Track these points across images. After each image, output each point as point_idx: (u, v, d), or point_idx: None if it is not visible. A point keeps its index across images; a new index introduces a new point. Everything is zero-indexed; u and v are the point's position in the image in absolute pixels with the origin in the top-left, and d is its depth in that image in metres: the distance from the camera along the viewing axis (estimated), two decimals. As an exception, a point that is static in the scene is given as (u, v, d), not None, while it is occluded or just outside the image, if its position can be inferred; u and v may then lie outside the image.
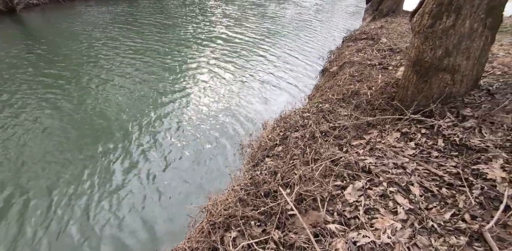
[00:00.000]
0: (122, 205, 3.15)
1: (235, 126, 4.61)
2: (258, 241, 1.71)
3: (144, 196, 3.27)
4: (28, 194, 3.24)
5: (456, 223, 1.63)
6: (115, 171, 3.61)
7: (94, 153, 3.91)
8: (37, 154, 3.82)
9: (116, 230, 2.87)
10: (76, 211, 3.07)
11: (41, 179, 3.44)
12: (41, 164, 3.66)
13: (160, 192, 3.33)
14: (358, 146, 2.56)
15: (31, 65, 6.67)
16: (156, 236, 2.82)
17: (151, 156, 3.89)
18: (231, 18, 11.67)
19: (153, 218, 3.00)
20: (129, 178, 3.51)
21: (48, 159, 3.75)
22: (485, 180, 1.86)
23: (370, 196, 1.91)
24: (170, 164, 3.75)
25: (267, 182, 2.22)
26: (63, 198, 3.22)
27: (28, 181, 3.40)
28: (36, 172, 3.54)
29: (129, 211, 3.07)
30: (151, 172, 3.61)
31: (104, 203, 3.17)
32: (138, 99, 5.28)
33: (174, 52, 7.83)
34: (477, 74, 2.62)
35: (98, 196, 3.25)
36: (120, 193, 3.30)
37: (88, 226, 2.90)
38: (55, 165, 3.66)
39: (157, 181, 3.48)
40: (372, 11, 8.88)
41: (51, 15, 11.71)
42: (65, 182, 3.43)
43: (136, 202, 3.19)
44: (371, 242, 1.58)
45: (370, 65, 4.63)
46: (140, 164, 3.74)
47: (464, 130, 2.32)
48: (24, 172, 3.53)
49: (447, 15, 2.34)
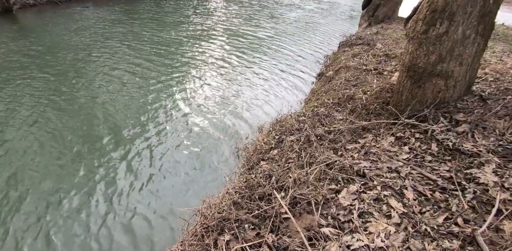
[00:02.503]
0: (113, 206, 3.10)
1: (231, 128, 4.60)
2: (251, 245, 1.70)
3: (136, 197, 3.23)
4: (18, 189, 3.19)
5: (449, 226, 1.64)
6: (106, 172, 3.56)
7: (85, 151, 3.86)
8: (32, 150, 3.77)
9: (107, 233, 2.82)
10: (65, 211, 3.02)
11: (32, 176, 3.38)
12: (36, 162, 3.61)
13: (153, 194, 3.29)
14: (353, 150, 2.57)
15: (27, 65, 6.61)
16: (149, 239, 2.77)
17: (144, 157, 3.85)
18: (226, 24, 11.74)
19: (145, 220, 2.96)
20: (121, 180, 3.46)
21: (42, 157, 3.70)
22: (477, 184, 1.88)
23: (364, 200, 1.91)
24: (164, 166, 3.72)
25: (262, 185, 2.21)
26: (52, 196, 3.16)
27: (18, 177, 3.35)
28: (30, 169, 3.49)
29: (121, 213, 3.02)
30: (144, 174, 3.57)
31: (93, 204, 3.12)
32: (133, 100, 5.25)
33: (170, 53, 7.83)
34: (469, 80, 2.66)
35: (86, 197, 3.20)
36: (111, 195, 3.25)
37: (76, 228, 2.85)
38: (44, 163, 3.61)
39: (150, 183, 3.44)
40: (368, 17, 9.01)
41: (47, 15, 11.65)
42: (54, 181, 3.37)
43: (129, 203, 3.14)
44: (364, 245, 1.57)
45: (366, 70, 4.68)
46: (133, 165, 3.70)
47: (457, 135, 2.34)
48: (18, 167, 3.48)
49: (440, 22, 2.39)
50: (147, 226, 2.91)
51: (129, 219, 2.98)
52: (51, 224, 2.89)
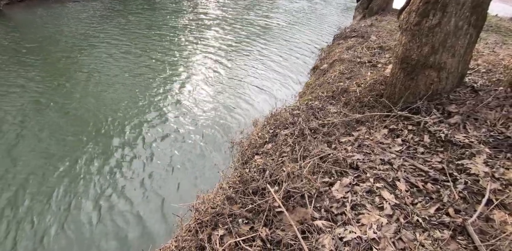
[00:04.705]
0: (109, 203, 3.10)
1: (226, 124, 4.58)
2: (245, 239, 1.70)
3: (131, 194, 3.22)
4: (12, 187, 3.16)
5: (441, 217, 1.65)
6: (100, 168, 3.54)
7: (81, 148, 3.82)
8: (29, 149, 3.72)
9: (102, 229, 2.82)
10: (59, 207, 3.00)
11: (28, 175, 3.35)
12: (32, 159, 3.58)
13: (147, 190, 3.28)
14: (347, 143, 2.57)
15: (15, 62, 6.47)
16: (144, 235, 2.78)
17: (139, 153, 3.83)
18: (223, 17, 11.57)
19: (140, 216, 2.96)
20: (115, 176, 3.45)
21: (38, 154, 3.66)
22: (468, 174, 1.90)
23: (357, 192, 1.92)
24: (159, 162, 3.70)
25: (256, 179, 2.21)
26: (47, 193, 3.14)
27: (16, 175, 3.31)
28: (26, 167, 3.45)
29: (115, 210, 3.02)
30: (139, 170, 3.55)
31: (88, 201, 3.10)
32: (126, 97, 5.18)
33: (162, 47, 7.72)
34: (462, 72, 2.66)
35: (81, 193, 3.19)
36: (106, 190, 3.24)
37: (71, 225, 2.84)
38: (43, 159, 3.57)
39: (145, 179, 3.43)
40: (362, 9, 8.94)
41: (35, 11, 11.36)
42: (48, 177, 3.34)
43: (123, 200, 3.14)
44: (357, 237, 1.59)
45: (360, 63, 4.66)
46: (128, 162, 3.68)
47: (449, 126, 2.35)
48: (14, 166, 3.44)
49: (433, 13, 2.37)
50: (141, 223, 2.91)
51: (124, 215, 2.98)
52: (42, 221, 2.88)
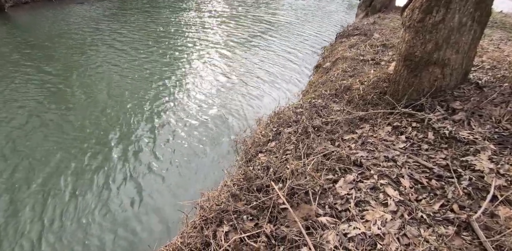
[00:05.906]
0: (114, 200, 3.13)
1: (230, 122, 4.60)
2: (250, 235, 1.72)
3: (137, 192, 3.25)
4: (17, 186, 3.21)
5: (445, 213, 1.65)
6: (105, 166, 3.58)
7: (85, 147, 3.87)
8: (33, 147, 3.78)
9: (109, 226, 2.85)
10: (65, 206, 3.04)
11: (35, 173, 3.40)
12: (37, 157, 3.64)
13: (153, 188, 3.31)
14: (350, 140, 2.57)
15: (20, 63, 6.55)
16: (150, 231, 2.81)
17: (144, 152, 3.87)
18: (225, 16, 11.59)
19: (146, 214, 2.99)
20: (121, 174, 3.48)
21: (42, 153, 3.72)
22: (473, 171, 1.89)
23: (361, 189, 1.93)
24: (164, 160, 3.73)
25: (260, 177, 2.22)
26: (53, 192, 3.19)
27: (21, 174, 3.37)
28: (31, 165, 3.51)
29: (121, 207, 3.06)
30: (144, 168, 3.58)
31: (94, 198, 3.14)
32: (131, 96, 5.23)
33: (167, 47, 7.75)
34: (466, 68, 2.65)
35: (88, 191, 3.23)
36: (112, 188, 3.28)
37: (78, 222, 2.88)
38: (46, 159, 3.62)
39: (150, 177, 3.47)
40: (365, 7, 8.90)
41: (40, 13, 11.48)
42: (53, 177, 3.39)
43: (129, 198, 3.17)
44: (361, 233, 1.60)
45: (363, 61, 4.65)
46: (133, 160, 3.71)
47: (453, 123, 2.35)
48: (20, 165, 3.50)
49: (437, 10, 2.36)
50: (147, 220, 2.94)
51: (130, 213, 3.01)
52: (46, 216, 2.93)
